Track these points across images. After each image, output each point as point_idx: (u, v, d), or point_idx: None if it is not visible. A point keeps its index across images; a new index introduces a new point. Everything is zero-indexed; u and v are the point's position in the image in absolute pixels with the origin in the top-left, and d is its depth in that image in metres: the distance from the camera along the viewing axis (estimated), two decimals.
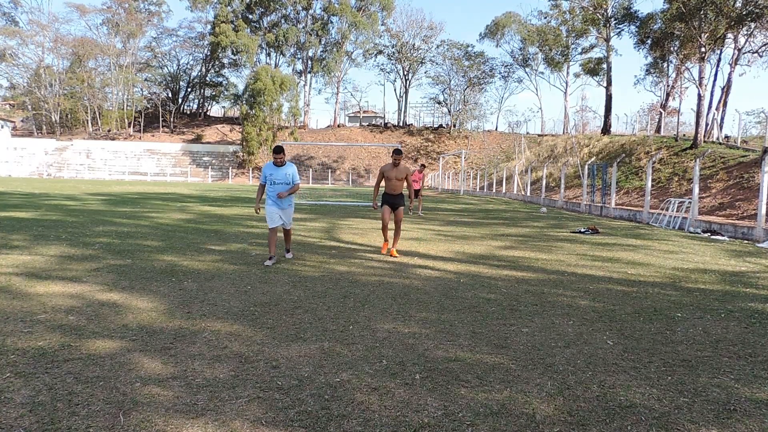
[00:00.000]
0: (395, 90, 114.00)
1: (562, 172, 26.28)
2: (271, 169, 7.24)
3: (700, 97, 26.90)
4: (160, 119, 76.05)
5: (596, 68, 59.11)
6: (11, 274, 5.92)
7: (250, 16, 74.47)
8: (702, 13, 25.45)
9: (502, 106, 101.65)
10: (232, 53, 72.37)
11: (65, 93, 71.84)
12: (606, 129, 49.95)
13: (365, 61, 77.35)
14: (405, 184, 8.28)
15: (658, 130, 39.64)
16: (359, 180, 64.16)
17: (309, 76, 76.18)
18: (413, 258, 7.95)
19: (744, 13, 24.58)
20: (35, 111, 72.44)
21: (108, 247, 8.14)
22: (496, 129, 74.85)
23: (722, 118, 33.07)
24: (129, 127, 73.78)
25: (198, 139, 72.65)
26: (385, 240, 8.42)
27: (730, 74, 31.26)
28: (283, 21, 74.63)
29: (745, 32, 28.11)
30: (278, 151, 7.13)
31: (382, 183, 8.30)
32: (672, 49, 31.51)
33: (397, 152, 7.93)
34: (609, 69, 52.83)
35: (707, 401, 3.05)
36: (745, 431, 2.71)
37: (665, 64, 42.04)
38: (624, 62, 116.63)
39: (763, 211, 11.95)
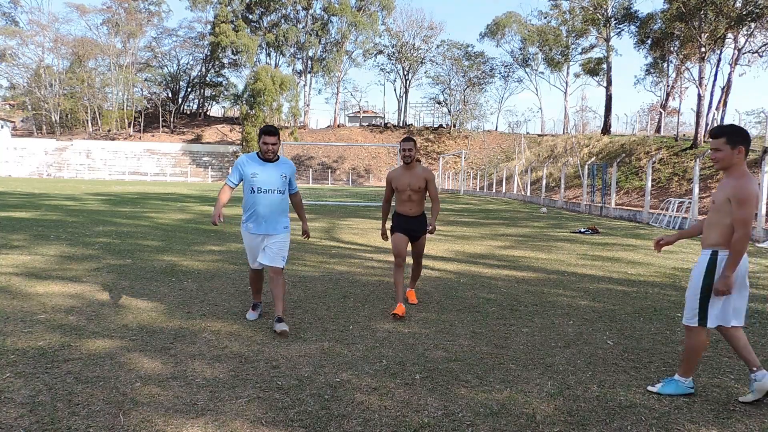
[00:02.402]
0: (395, 90, 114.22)
1: (562, 172, 26.28)
2: (253, 166, 4.21)
3: (700, 97, 26.91)
4: (160, 119, 76.05)
5: (596, 68, 59.05)
6: (11, 274, 5.92)
7: (250, 16, 74.51)
8: (702, 13, 25.46)
9: (502, 106, 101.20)
10: (232, 53, 72.41)
11: (65, 93, 71.87)
12: (606, 129, 49.90)
13: (365, 61, 77.49)
14: (428, 194, 4.98)
15: (658, 130, 39.63)
16: (359, 180, 64.18)
17: (309, 76, 76.24)
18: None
19: (744, 13, 24.58)
20: (35, 111, 72.43)
21: (108, 247, 8.14)
22: (496, 129, 74.82)
23: (722, 118, 33.02)
24: (129, 127, 73.78)
25: (198, 139, 72.67)
26: (399, 300, 4.75)
27: (730, 74, 31.24)
28: (283, 21, 74.66)
29: (745, 32, 28.08)
30: (271, 132, 4.17)
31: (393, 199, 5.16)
32: (672, 49, 31.53)
33: (407, 140, 4.86)
34: (609, 69, 52.80)
35: (707, 401, 3.05)
36: (745, 431, 2.71)
37: (665, 64, 42.02)
38: (624, 62, 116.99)
39: (763, 212, 11.95)
